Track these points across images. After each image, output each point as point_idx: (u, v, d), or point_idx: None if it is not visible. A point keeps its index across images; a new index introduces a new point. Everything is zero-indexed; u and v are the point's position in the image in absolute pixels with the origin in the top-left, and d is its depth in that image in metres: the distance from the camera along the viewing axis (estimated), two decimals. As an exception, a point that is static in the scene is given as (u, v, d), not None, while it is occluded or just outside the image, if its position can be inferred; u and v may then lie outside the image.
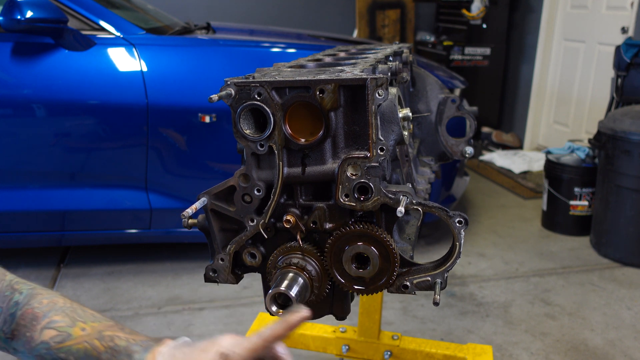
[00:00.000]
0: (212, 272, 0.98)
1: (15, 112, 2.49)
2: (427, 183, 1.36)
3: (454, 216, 0.88)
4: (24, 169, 2.58)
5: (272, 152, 0.88)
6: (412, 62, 1.46)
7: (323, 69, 1.01)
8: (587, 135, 4.59)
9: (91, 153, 2.61)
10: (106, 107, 2.53)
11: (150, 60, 2.57)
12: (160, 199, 2.70)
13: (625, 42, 3.69)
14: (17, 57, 2.48)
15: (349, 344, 1.87)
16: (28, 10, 2.31)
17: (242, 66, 2.68)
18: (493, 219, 3.71)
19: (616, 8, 4.48)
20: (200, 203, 0.93)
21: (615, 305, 2.67)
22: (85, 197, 2.65)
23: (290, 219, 0.90)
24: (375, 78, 0.83)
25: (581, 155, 3.44)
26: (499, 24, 5.41)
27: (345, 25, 5.81)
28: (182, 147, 2.64)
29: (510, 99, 5.73)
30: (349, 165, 0.87)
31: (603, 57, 4.59)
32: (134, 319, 2.48)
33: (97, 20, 2.59)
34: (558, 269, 3.04)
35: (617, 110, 3.30)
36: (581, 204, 3.41)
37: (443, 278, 0.92)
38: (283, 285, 0.87)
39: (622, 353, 2.30)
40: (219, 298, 2.65)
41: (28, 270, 2.86)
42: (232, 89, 0.87)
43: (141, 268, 2.93)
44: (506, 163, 4.85)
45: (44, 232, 2.71)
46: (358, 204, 0.88)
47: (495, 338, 2.38)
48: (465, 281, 2.86)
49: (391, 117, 0.97)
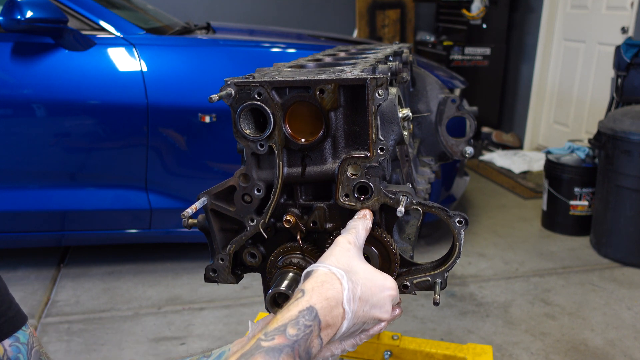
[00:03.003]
0: (212, 272, 0.98)
1: (15, 112, 2.49)
2: (427, 183, 1.36)
3: (454, 216, 0.88)
4: (24, 169, 2.58)
5: (272, 152, 0.88)
6: (412, 62, 1.46)
7: (323, 69, 1.01)
8: (587, 135, 4.59)
9: (91, 153, 2.61)
10: (106, 107, 2.53)
11: (150, 60, 2.57)
12: (160, 199, 2.70)
13: (625, 42, 3.69)
14: (17, 57, 2.48)
15: (349, 344, 1.87)
16: (28, 10, 2.31)
17: (242, 66, 2.68)
18: (493, 219, 3.71)
19: (616, 8, 4.48)
20: (200, 203, 0.93)
21: (615, 305, 2.66)
22: (85, 197, 2.65)
23: (290, 219, 0.90)
24: (375, 78, 0.83)
25: (581, 155, 3.44)
26: (499, 24, 5.41)
27: (345, 25, 5.81)
28: (182, 147, 2.64)
29: (510, 99, 5.73)
30: (349, 165, 0.87)
31: (603, 57, 4.59)
32: (134, 319, 2.48)
33: (97, 20, 2.59)
34: (558, 269, 3.04)
35: (617, 110, 3.30)
36: (581, 204, 3.41)
37: (443, 278, 0.92)
38: (283, 285, 0.87)
39: (622, 353, 2.30)
40: (219, 298, 2.65)
41: (28, 270, 2.86)
42: (232, 88, 0.87)
43: (141, 268, 2.93)
44: (506, 163, 4.85)
45: (44, 232, 2.71)
46: (358, 204, 0.88)
47: (495, 338, 2.38)
48: (465, 281, 2.86)
49: (391, 117, 0.97)
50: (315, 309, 0.72)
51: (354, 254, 0.82)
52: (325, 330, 0.73)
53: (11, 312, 0.96)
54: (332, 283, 0.76)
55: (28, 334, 0.97)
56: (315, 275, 0.77)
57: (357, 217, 0.89)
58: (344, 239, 0.83)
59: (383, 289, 0.82)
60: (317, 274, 0.77)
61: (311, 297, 0.73)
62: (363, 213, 0.89)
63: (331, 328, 0.75)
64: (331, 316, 0.74)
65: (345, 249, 0.82)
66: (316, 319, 0.72)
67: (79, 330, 2.39)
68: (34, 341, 0.99)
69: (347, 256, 0.81)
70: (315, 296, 0.73)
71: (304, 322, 0.71)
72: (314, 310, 0.72)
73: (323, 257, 0.81)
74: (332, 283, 0.76)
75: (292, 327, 0.70)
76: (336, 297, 0.75)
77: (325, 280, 0.76)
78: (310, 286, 0.75)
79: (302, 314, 0.71)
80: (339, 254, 0.81)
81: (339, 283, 0.76)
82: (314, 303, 0.73)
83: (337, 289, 0.76)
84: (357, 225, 0.86)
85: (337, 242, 0.83)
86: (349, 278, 0.77)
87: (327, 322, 0.73)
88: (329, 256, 0.80)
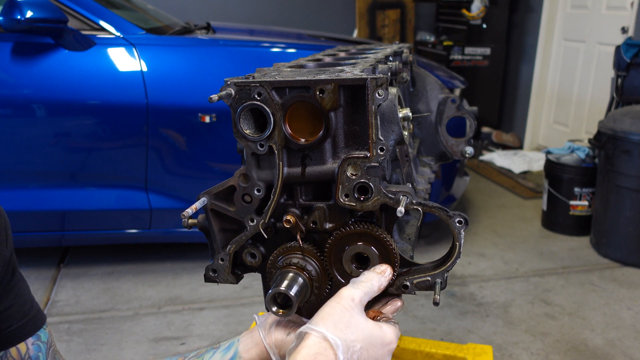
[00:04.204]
0: (212, 272, 0.98)
1: (15, 112, 2.49)
2: (427, 183, 1.36)
3: (454, 216, 0.87)
4: (24, 169, 2.58)
5: (272, 152, 0.88)
6: (412, 62, 1.46)
7: (323, 69, 1.01)
8: (587, 135, 4.59)
9: (91, 153, 2.61)
10: (106, 107, 2.53)
11: (150, 60, 2.57)
12: (160, 199, 2.70)
13: (625, 42, 3.69)
14: (17, 57, 2.48)
15: (349, 344, 1.86)
16: (28, 10, 2.31)
17: (242, 66, 2.68)
18: (493, 219, 3.71)
19: (616, 8, 4.48)
20: (200, 203, 0.93)
21: (615, 305, 2.66)
22: (85, 197, 2.65)
23: (290, 219, 0.90)
24: (375, 78, 0.83)
25: (581, 155, 3.44)
26: (499, 24, 5.41)
27: (345, 25, 5.81)
28: (182, 147, 2.64)
29: (510, 99, 5.73)
30: (349, 165, 0.87)
31: (603, 57, 4.59)
32: (134, 319, 2.48)
33: (97, 20, 2.59)
34: (558, 269, 3.04)
35: (617, 110, 3.30)
36: (581, 204, 3.41)
37: (443, 278, 0.91)
38: (283, 285, 0.87)
39: (622, 353, 2.30)
40: (219, 298, 2.65)
41: (28, 270, 2.86)
42: (232, 88, 0.87)
43: (141, 268, 2.93)
44: (506, 163, 4.85)
45: (44, 232, 2.71)
46: (358, 204, 0.88)
47: (495, 338, 2.38)
48: (465, 281, 2.86)
49: (391, 117, 0.97)
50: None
51: (356, 312, 0.78)
52: None
53: (33, 311, 0.97)
54: (326, 355, 0.72)
55: (48, 332, 0.98)
56: (308, 344, 0.73)
57: (376, 271, 0.84)
58: (349, 295, 0.78)
59: (383, 346, 0.79)
60: (310, 343, 0.73)
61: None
62: (383, 269, 0.84)
63: None
64: None
65: (347, 308, 0.77)
66: None
67: (79, 330, 2.39)
68: (52, 340, 0.99)
69: (348, 316, 0.76)
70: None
71: None
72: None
73: (321, 313, 0.76)
74: (326, 355, 0.72)
75: None
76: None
77: (318, 352, 0.72)
78: (301, 359, 0.71)
79: None
80: (340, 315, 0.75)
81: (333, 354, 0.72)
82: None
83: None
84: (372, 280, 0.81)
85: (340, 297, 0.78)
86: (347, 347, 0.73)
87: None
88: (328, 316, 0.75)
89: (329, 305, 0.77)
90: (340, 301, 0.77)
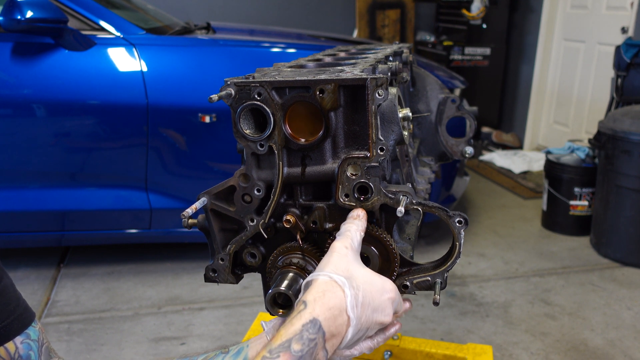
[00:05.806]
0: (212, 272, 0.98)
1: (15, 112, 2.49)
2: (427, 183, 1.36)
3: (454, 216, 0.88)
4: (24, 169, 2.58)
5: (272, 152, 0.88)
6: (412, 62, 1.46)
7: (323, 69, 1.01)
8: (587, 135, 4.59)
9: (91, 153, 2.61)
10: (106, 107, 2.53)
11: (150, 60, 2.57)
12: (160, 199, 2.70)
13: (625, 42, 3.69)
14: (17, 57, 2.48)
15: (349, 344, 1.86)
16: (28, 10, 2.31)
17: (242, 66, 2.68)
18: (493, 219, 3.71)
19: (616, 8, 4.48)
20: (200, 203, 0.93)
21: (615, 305, 2.66)
22: (85, 197, 2.65)
23: (290, 219, 0.90)
24: (375, 78, 0.83)
25: (581, 155, 3.44)
26: (499, 24, 5.41)
27: (345, 25, 5.81)
28: (182, 147, 2.64)
29: (510, 99, 5.73)
30: (349, 165, 0.87)
31: (603, 57, 4.59)
32: (134, 319, 2.48)
33: (97, 20, 2.59)
34: (558, 269, 3.04)
35: (617, 110, 3.30)
36: (581, 204, 3.41)
37: (443, 278, 0.92)
38: (283, 285, 0.87)
39: (622, 353, 2.30)
40: (219, 298, 2.65)
41: (28, 270, 2.86)
42: (232, 88, 0.87)
43: (141, 268, 2.93)
44: (506, 163, 4.85)
45: (44, 232, 2.71)
46: (358, 204, 0.88)
47: (495, 338, 2.38)
48: (465, 281, 2.86)
49: (391, 117, 0.97)
50: (319, 321, 0.72)
51: (352, 259, 0.81)
52: (330, 340, 0.73)
53: (20, 309, 0.95)
54: (334, 291, 0.75)
55: (38, 330, 0.97)
56: (316, 285, 0.76)
57: (350, 219, 0.87)
58: (340, 244, 0.82)
59: (383, 292, 0.82)
60: (317, 284, 0.76)
61: (314, 308, 0.73)
62: (356, 214, 0.88)
63: (336, 338, 0.74)
64: (335, 326, 0.73)
65: (342, 255, 0.81)
66: (320, 331, 0.71)
67: (79, 330, 2.39)
68: (44, 337, 0.99)
69: (345, 261, 0.80)
70: (318, 307, 0.73)
71: (308, 336, 0.70)
72: (317, 323, 0.71)
73: (321, 265, 0.80)
74: (334, 291, 0.75)
75: (297, 343, 0.69)
76: (339, 306, 0.74)
77: (326, 289, 0.75)
78: (312, 297, 0.74)
79: (306, 327, 0.71)
80: (337, 261, 0.80)
81: (340, 290, 0.76)
82: (317, 315, 0.72)
83: (340, 297, 0.75)
84: (350, 228, 0.85)
85: (333, 249, 0.82)
86: (351, 284, 0.77)
87: (332, 332, 0.73)
88: (327, 264, 0.79)
89: (326, 258, 0.81)
90: (334, 251, 0.82)
